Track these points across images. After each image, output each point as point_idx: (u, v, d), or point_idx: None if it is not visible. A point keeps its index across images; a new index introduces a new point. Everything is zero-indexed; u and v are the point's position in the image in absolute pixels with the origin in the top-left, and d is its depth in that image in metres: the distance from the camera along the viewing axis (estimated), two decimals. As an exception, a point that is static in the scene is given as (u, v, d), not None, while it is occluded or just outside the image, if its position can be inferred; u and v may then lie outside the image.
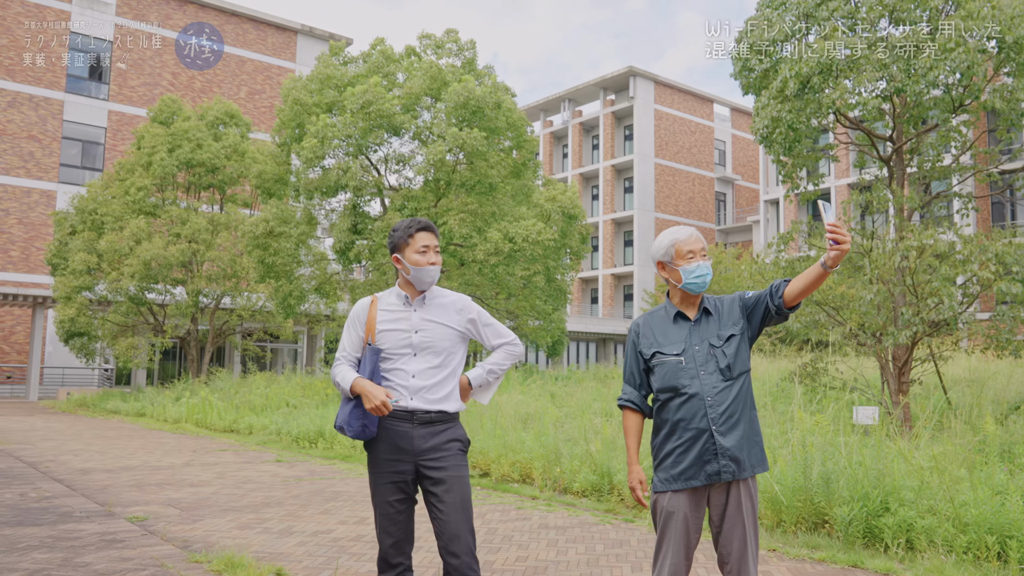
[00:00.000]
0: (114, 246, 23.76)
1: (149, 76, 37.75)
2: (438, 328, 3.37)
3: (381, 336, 3.34)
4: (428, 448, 3.26)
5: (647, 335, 3.26)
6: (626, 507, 7.16)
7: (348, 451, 11.42)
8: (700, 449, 3.06)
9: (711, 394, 3.07)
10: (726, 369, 3.09)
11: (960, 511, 5.26)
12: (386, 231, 18.77)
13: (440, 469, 3.25)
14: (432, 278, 3.37)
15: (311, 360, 34.60)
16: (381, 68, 20.84)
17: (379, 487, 3.30)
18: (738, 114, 56.83)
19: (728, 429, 3.05)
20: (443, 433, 3.30)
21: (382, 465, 3.28)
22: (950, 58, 9.35)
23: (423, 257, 3.33)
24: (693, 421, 3.08)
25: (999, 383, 12.06)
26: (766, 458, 3.18)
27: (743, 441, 3.07)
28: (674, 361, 3.16)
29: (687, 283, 3.16)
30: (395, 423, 3.27)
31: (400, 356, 3.32)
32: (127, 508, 7.18)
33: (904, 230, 9.79)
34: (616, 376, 19.02)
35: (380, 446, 3.29)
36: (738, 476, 3.05)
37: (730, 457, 3.05)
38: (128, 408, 20.61)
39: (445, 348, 3.36)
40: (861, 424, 8.32)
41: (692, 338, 3.16)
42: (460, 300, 3.46)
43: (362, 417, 3.24)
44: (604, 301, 50.28)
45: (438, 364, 3.34)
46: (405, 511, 3.31)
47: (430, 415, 3.28)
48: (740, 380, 3.11)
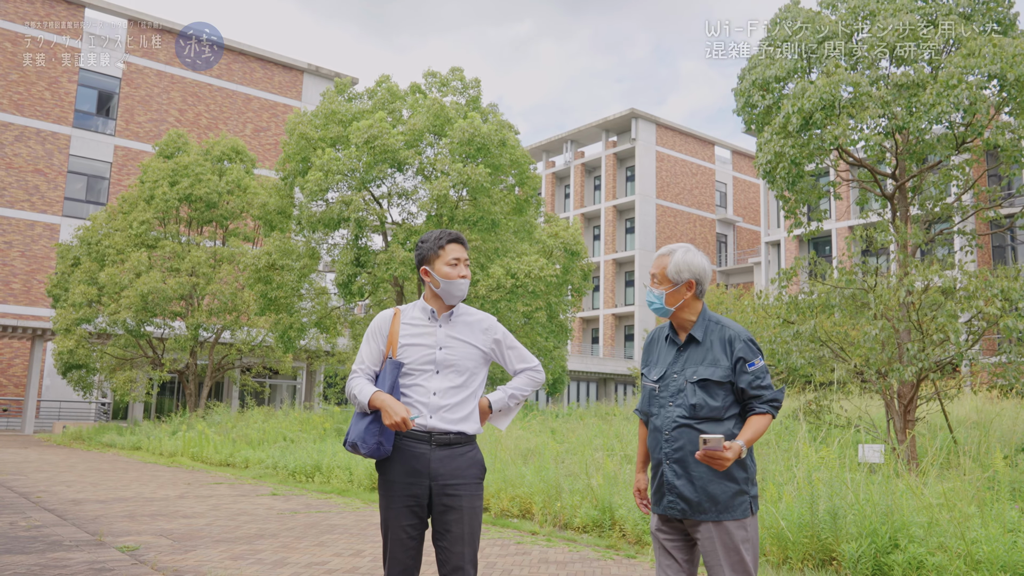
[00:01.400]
0: (114, 278, 23.74)
1: (156, 112, 38.14)
2: (463, 346, 3.22)
3: (404, 350, 3.18)
4: (446, 473, 3.09)
5: (649, 351, 3.23)
6: (628, 543, 7.00)
7: (345, 485, 11.25)
8: (658, 480, 3.04)
9: (668, 428, 2.99)
10: (691, 408, 2.96)
11: (972, 548, 5.13)
12: (387, 264, 18.75)
13: (455, 497, 3.09)
14: (462, 292, 3.23)
15: (310, 396, 34.36)
16: (386, 104, 21.01)
17: (392, 511, 3.11)
18: (739, 156, 57.26)
19: (680, 467, 2.95)
20: (462, 457, 3.13)
21: (397, 488, 3.10)
22: (952, 95, 9.40)
23: (454, 270, 3.20)
24: (654, 451, 3.06)
25: (1005, 423, 11.90)
26: (743, 508, 2.95)
27: (702, 483, 2.92)
28: (650, 388, 3.13)
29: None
30: (412, 444, 3.11)
31: (422, 372, 3.17)
32: (118, 538, 7.03)
33: (908, 266, 9.75)
34: (618, 414, 18.85)
35: (395, 468, 3.11)
36: (691, 516, 2.93)
37: (678, 495, 2.95)
38: (124, 441, 20.40)
39: (469, 368, 3.21)
40: (867, 462, 8.19)
41: (675, 365, 3.06)
42: (487, 319, 3.32)
43: (379, 434, 3.06)
44: (605, 341, 50.12)
45: (460, 384, 3.18)
46: (417, 536, 3.13)
47: (449, 436, 3.12)
48: (708, 422, 2.94)
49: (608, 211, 51.32)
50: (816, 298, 10.48)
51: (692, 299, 3.09)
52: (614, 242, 50.95)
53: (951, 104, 9.51)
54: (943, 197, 11.68)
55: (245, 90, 40.80)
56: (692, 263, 3.08)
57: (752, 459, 3.06)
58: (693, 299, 3.10)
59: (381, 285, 20.01)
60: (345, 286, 19.79)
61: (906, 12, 10.37)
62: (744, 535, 2.93)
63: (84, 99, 36.56)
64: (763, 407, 2.96)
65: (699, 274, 3.09)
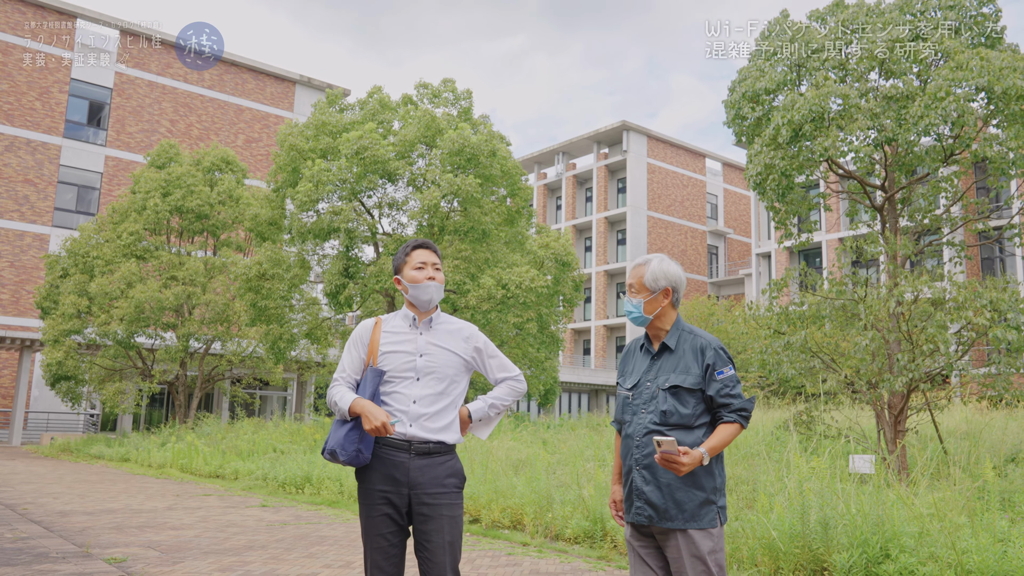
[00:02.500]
0: (104, 289, 23.63)
1: (147, 123, 38.07)
2: (444, 354, 3.23)
3: (384, 357, 3.20)
4: (425, 482, 3.09)
5: (625, 361, 3.28)
6: (619, 554, 6.97)
7: (335, 497, 11.19)
8: (629, 487, 3.07)
9: (639, 434, 3.03)
10: (662, 415, 2.99)
11: (962, 558, 5.13)
12: (378, 276, 18.72)
13: (433, 507, 3.08)
14: (429, 295, 3.24)
15: (300, 407, 34.21)
16: (377, 115, 21.05)
17: (371, 519, 3.11)
18: (730, 169, 57.52)
19: (649, 473, 2.97)
20: (441, 467, 3.13)
21: (375, 496, 3.10)
22: (940, 107, 9.47)
23: (420, 273, 3.24)
24: (626, 458, 3.10)
25: (995, 434, 11.94)
26: (709, 517, 2.97)
27: (670, 490, 2.94)
28: (624, 395, 3.18)
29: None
30: (391, 452, 3.11)
31: (402, 380, 3.17)
32: (105, 550, 6.97)
33: (898, 277, 9.79)
34: (609, 424, 18.82)
35: (373, 476, 3.11)
36: (658, 523, 2.95)
37: (646, 501, 2.97)
38: (112, 453, 20.25)
39: (449, 375, 3.22)
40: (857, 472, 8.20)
41: (648, 373, 3.11)
42: (467, 328, 3.35)
43: (358, 441, 3.07)
44: (596, 352, 50.13)
45: (441, 391, 3.19)
46: (398, 544, 3.13)
47: (428, 445, 3.13)
48: (678, 429, 2.97)
49: (599, 223, 51.43)
50: (807, 309, 10.51)
51: (668, 308, 3.15)
52: (605, 254, 51.05)
53: (939, 116, 9.59)
54: (932, 209, 11.76)
55: (237, 101, 40.79)
56: (668, 271, 3.14)
57: (721, 469, 3.08)
58: (669, 308, 3.15)
59: (372, 296, 19.97)
60: (334, 296, 19.75)
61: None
62: (711, 545, 2.93)
63: (75, 109, 36.47)
64: (731, 416, 3.00)
65: (675, 282, 3.15)
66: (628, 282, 3.17)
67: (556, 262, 21.58)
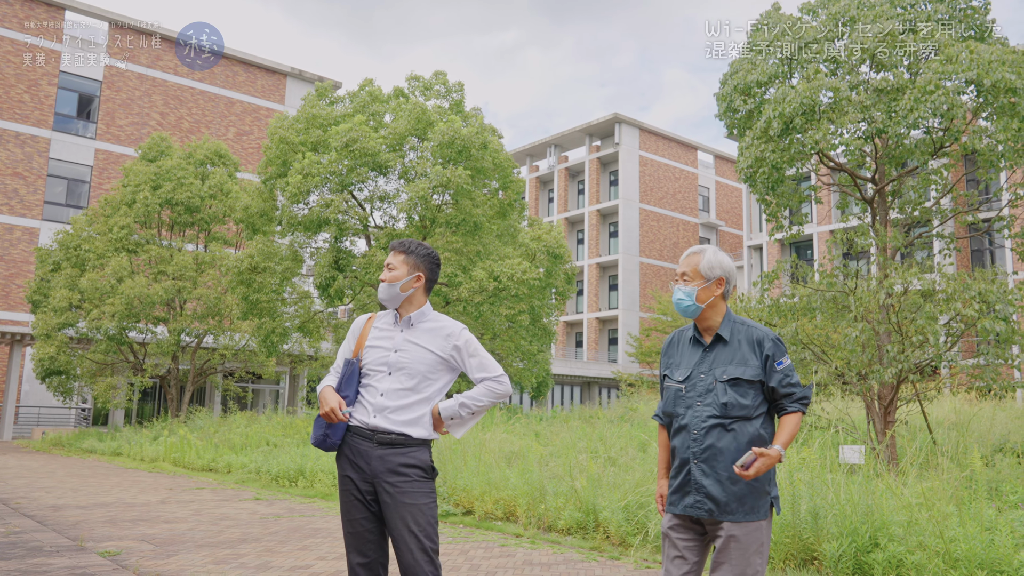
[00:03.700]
0: (96, 284, 23.53)
1: (137, 116, 37.87)
2: (418, 351, 3.30)
3: (366, 352, 3.36)
4: (383, 471, 3.18)
5: (670, 354, 3.23)
6: (612, 545, 7.03)
7: (328, 490, 11.21)
8: (682, 479, 3.03)
9: (697, 427, 2.99)
10: (722, 407, 2.98)
11: (950, 546, 5.19)
12: (369, 268, 18.70)
13: (392, 495, 3.15)
14: (381, 295, 3.36)
15: (293, 400, 34.20)
16: (367, 108, 20.98)
17: (345, 504, 3.27)
18: (721, 161, 57.59)
19: (710, 466, 2.96)
20: (403, 456, 3.19)
21: (346, 482, 3.26)
22: (930, 100, 9.52)
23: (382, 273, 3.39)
24: (680, 450, 3.05)
25: (983, 425, 12.05)
26: (764, 508, 2.98)
27: (730, 483, 2.94)
28: (675, 388, 3.12)
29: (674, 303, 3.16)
30: (358, 440, 3.24)
31: (376, 373, 3.31)
32: (99, 543, 6.98)
33: (888, 269, 9.85)
34: (602, 417, 18.89)
35: (344, 463, 3.28)
36: (718, 516, 2.94)
37: (706, 495, 2.96)
38: (104, 447, 20.21)
39: (421, 372, 3.28)
40: (847, 463, 8.26)
41: (701, 366, 3.08)
42: (450, 327, 3.37)
43: (324, 426, 3.24)
44: (589, 345, 50.21)
45: (411, 387, 3.26)
46: (372, 530, 3.22)
47: (391, 436, 3.20)
48: (740, 423, 2.97)
49: (592, 215, 51.45)
50: (798, 301, 10.56)
51: (719, 298, 3.13)
52: (598, 246, 51.08)
53: (929, 109, 9.63)
54: (922, 201, 11.82)
55: (228, 93, 40.61)
56: (723, 262, 3.14)
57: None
58: (720, 299, 3.13)
59: (364, 289, 19.95)
60: (324, 289, 19.72)
61: (886, 18, 10.49)
62: (761, 538, 2.95)
63: (64, 102, 36.25)
64: (794, 405, 3.01)
65: (729, 272, 3.15)
66: (680, 271, 3.13)
67: (548, 254, 21.60)
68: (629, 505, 7.30)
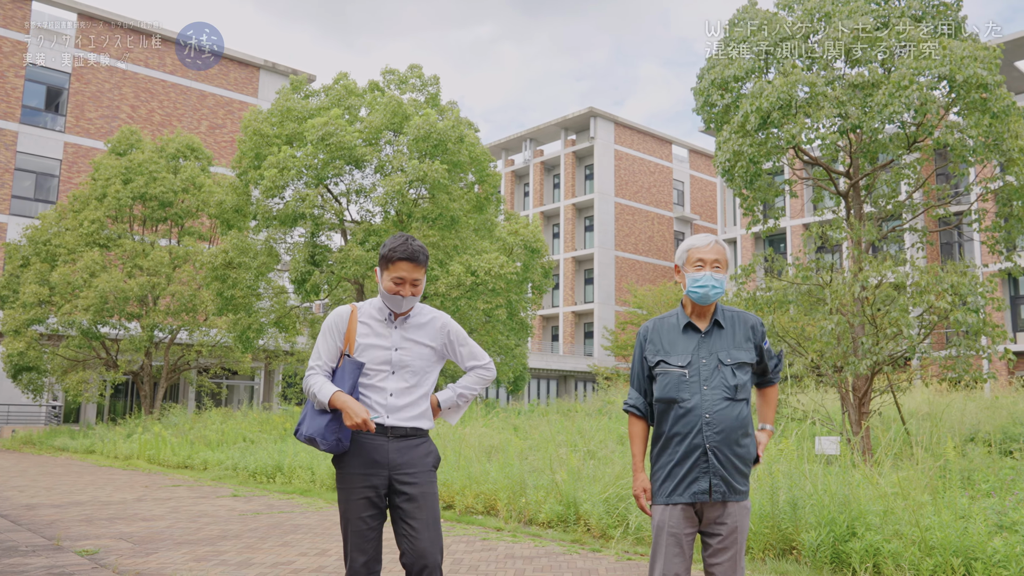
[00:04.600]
0: (67, 279, 23.18)
1: (107, 108, 37.30)
2: (417, 347, 3.34)
3: (361, 351, 3.29)
4: (403, 463, 3.21)
5: (654, 341, 3.23)
6: (592, 537, 7.07)
7: (307, 485, 11.16)
8: (691, 465, 3.02)
9: (711, 411, 3.03)
10: (732, 389, 3.06)
11: (926, 535, 5.29)
12: (344, 263, 18.59)
13: (413, 485, 3.20)
14: (398, 307, 3.30)
15: (268, 396, 33.94)
16: (343, 101, 20.85)
17: (352, 503, 3.20)
18: (696, 155, 57.90)
19: (723, 449, 3.02)
20: (417, 448, 3.27)
21: (355, 480, 3.20)
22: (904, 95, 9.64)
23: (395, 287, 3.26)
24: (689, 436, 3.04)
25: (954, 415, 12.26)
26: (749, 486, 3.14)
27: (735, 464, 3.04)
28: (677, 373, 3.12)
29: (689, 291, 3.15)
30: (370, 437, 3.22)
31: (378, 373, 3.28)
32: (76, 542, 6.90)
33: (862, 262, 9.98)
34: (579, 410, 18.97)
35: (353, 460, 3.22)
36: (728, 498, 3.02)
37: (721, 477, 3.01)
38: (77, 445, 19.96)
39: (422, 367, 3.35)
40: (823, 453, 8.37)
41: (700, 351, 3.12)
42: (440, 318, 3.43)
43: (338, 431, 3.17)
44: (565, 339, 50.34)
45: (415, 384, 3.32)
46: (376, 527, 3.23)
47: (405, 430, 3.26)
48: (743, 404, 3.08)
49: (567, 209, 51.53)
50: (773, 294, 10.67)
51: None
52: (573, 240, 51.18)
53: (903, 104, 9.76)
54: (895, 195, 11.98)
55: (200, 86, 40.12)
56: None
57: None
58: None
59: (340, 283, 19.85)
60: (300, 284, 19.59)
61: (860, 14, 10.60)
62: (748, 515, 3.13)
63: (32, 95, 35.59)
64: (776, 376, 3.29)
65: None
66: (713, 258, 3.13)
67: (525, 248, 21.62)
68: (610, 498, 7.34)
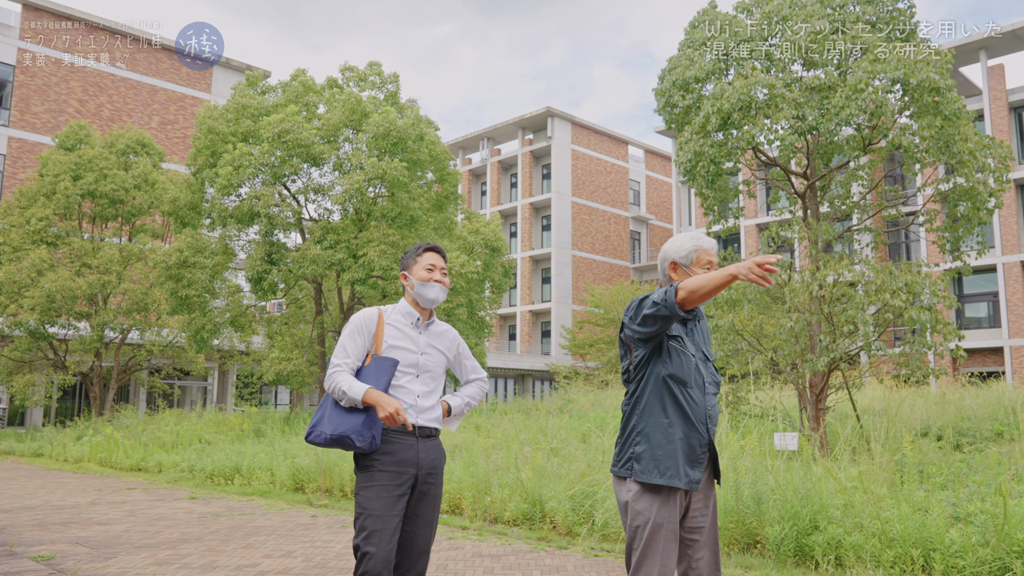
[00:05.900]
0: (13, 278, 22.51)
1: (54, 103, 36.31)
2: (437, 354, 3.51)
3: (390, 351, 3.37)
4: (429, 462, 3.36)
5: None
6: (559, 535, 7.10)
7: (267, 487, 11.00)
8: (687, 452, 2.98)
9: (710, 400, 3.11)
10: (714, 384, 3.16)
11: (885, 527, 5.42)
12: (302, 262, 18.36)
13: (432, 485, 3.38)
14: (434, 294, 3.45)
15: (223, 397, 33.38)
16: (300, 98, 20.59)
17: (383, 499, 3.20)
18: (652, 156, 58.46)
19: (710, 438, 3.11)
20: (437, 449, 3.45)
21: (390, 478, 3.25)
22: (860, 98, 9.86)
23: (429, 274, 3.44)
24: (689, 423, 3.00)
25: (906, 411, 12.58)
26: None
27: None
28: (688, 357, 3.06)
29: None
30: (400, 436, 3.31)
31: (405, 375, 3.39)
32: (31, 547, 6.70)
33: (819, 261, 10.18)
34: (541, 408, 19.02)
35: (385, 460, 3.27)
36: (719, 481, 3.19)
37: (712, 464, 3.14)
38: (24, 448, 19.39)
39: (439, 373, 3.52)
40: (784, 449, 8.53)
41: (691, 336, 3.18)
42: (451, 331, 3.65)
43: (372, 427, 3.24)
44: (522, 338, 50.43)
45: (433, 388, 3.48)
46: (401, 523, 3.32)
47: (430, 430, 3.42)
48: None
49: (524, 208, 51.62)
50: (731, 293, 10.82)
51: None
52: (531, 239, 51.29)
53: (859, 107, 9.98)
54: (848, 196, 12.24)
55: (151, 81, 39.28)
56: None
57: None
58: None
59: (298, 283, 19.60)
60: (257, 283, 19.27)
61: (816, 18, 10.81)
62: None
63: (-26, 87, 34.48)
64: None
65: None
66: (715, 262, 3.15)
67: (486, 247, 21.61)
68: (575, 495, 7.38)
